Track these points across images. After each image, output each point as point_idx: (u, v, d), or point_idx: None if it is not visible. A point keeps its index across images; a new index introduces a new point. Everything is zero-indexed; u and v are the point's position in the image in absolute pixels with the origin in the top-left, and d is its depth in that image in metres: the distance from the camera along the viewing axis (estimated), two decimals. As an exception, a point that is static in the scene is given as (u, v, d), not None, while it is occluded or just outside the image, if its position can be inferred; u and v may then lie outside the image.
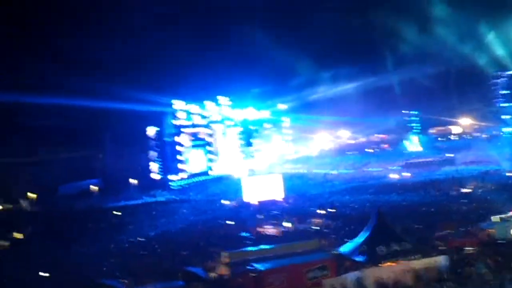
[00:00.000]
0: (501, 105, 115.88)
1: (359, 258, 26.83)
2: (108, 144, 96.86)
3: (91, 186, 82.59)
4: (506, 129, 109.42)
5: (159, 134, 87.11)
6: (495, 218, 34.88)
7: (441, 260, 25.77)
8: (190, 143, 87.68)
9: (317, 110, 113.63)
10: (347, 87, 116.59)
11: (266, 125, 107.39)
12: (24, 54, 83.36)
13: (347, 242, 31.59)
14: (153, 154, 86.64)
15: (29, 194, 72.49)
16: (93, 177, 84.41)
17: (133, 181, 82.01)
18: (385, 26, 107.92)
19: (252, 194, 61.67)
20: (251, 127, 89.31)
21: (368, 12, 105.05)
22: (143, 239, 44.82)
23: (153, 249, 39.93)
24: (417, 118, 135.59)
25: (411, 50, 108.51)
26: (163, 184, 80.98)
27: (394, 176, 75.63)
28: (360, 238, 28.62)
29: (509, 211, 35.65)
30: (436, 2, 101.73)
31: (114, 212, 60.96)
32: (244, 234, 43.36)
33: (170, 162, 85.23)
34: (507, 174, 66.65)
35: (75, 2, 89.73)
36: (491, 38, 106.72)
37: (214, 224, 50.10)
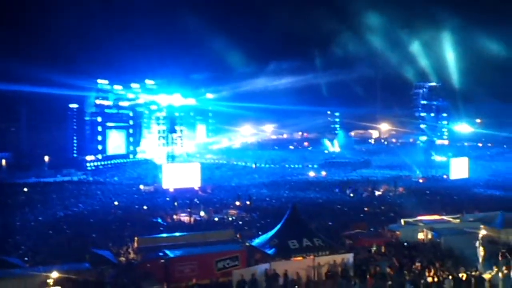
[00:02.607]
0: (420, 114, 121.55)
1: (270, 251, 27.02)
2: (24, 118, 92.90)
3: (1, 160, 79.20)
4: (422, 138, 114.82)
5: (79, 112, 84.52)
6: (402, 221, 36.43)
7: (348, 257, 26.46)
8: (111, 124, 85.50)
9: (244, 103, 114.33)
10: (276, 82, 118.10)
11: (191, 113, 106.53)
12: None
13: (260, 234, 31.85)
14: (71, 132, 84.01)
15: None
16: (4, 150, 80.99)
17: (47, 158, 79.04)
18: (319, 27, 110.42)
19: (171, 181, 61.05)
20: (176, 114, 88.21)
21: (303, 11, 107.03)
22: (51, 218, 43.19)
23: (61, 229, 38.48)
24: (339, 120, 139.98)
25: (342, 53, 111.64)
26: (78, 163, 78.52)
27: (311, 173, 77.32)
28: (273, 232, 28.86)
29: (417, 215, 37.21)
30: (369, 11, 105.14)
31: (23, 188, 58.55)
32: (158, 220, 42.80)
33: (88, 142, 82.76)
34: (419, 180, 70.00)
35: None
36: (416, 49, 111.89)
37: (128, 208, 49.11)
